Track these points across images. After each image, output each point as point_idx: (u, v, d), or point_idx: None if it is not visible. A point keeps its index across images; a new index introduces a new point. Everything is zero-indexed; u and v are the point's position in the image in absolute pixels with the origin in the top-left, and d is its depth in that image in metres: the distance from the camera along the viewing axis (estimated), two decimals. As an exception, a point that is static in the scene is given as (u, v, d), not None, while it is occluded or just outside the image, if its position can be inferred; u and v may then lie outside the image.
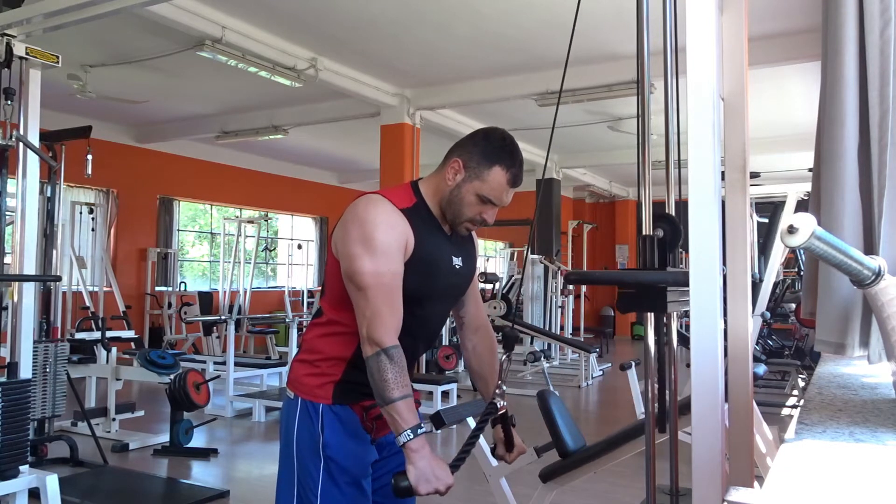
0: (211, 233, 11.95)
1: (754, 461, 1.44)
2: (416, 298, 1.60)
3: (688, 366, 1.23)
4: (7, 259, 3.45)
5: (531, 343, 8.89)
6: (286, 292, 9.89)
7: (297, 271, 11.44)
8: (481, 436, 2.89)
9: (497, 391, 1.67)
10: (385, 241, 1.53)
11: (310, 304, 10.22)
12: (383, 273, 1.51)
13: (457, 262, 1.70)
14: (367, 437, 1.65)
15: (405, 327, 1.55)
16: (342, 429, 1.61)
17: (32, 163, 3.27)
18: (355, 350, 1.60)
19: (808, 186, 3.97)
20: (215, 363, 7.63)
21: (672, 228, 1.47)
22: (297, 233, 13.23)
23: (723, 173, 1.38)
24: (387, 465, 1.72)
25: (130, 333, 7.38)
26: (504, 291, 9.68)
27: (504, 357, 1.67)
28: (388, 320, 1.51)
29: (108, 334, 5.78)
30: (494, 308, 8.29)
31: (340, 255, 1.58)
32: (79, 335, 6.53)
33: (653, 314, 1.45)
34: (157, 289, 10.25)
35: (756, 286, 5.16)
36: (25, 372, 3.24)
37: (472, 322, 1.89)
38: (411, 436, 1.46)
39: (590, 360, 8.26)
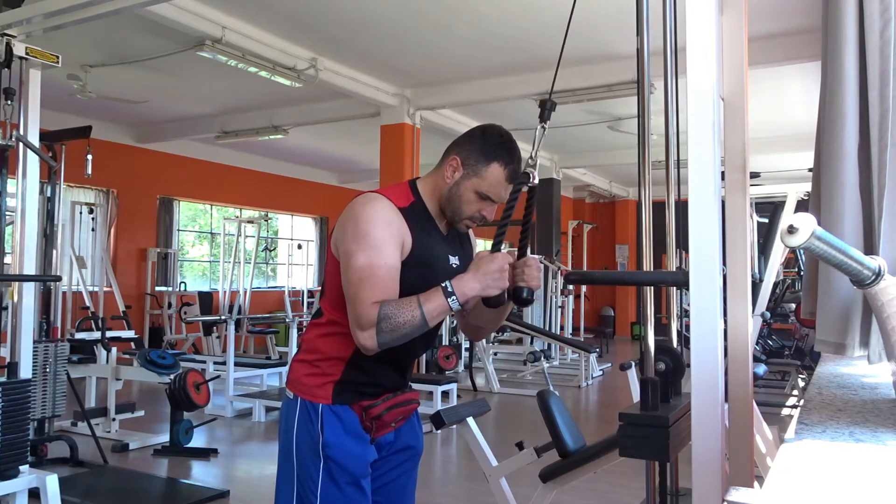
0: (211, 233, 11.95)
1: (754, 461, 1.44)
2: None
3: (688, 366, 1.23)
4: (7, 259, 3.45)
5: (531, 343, 8.89)
6: (286, 292, 9.89)
7: (297, 271, 11.44)
8: (482, 436, 2.88)
9: (531, 161, 1.61)
10: (380, 236, 1.53)
11: (310, 304, 10.21)
12: (377, 266, 1.50)
13: (453, 261, 1.70)
14: (367, 436, 1.65)
15: None
16: (342, 428, 1.61)
17: (32, 163, 3.27)
18: (355, 350, 1.59)
19: (808, 186, 3.97)
20: (215, 363, 7.63)
21: (674, 360, 1.46)
22: (297, 233, 13.23)
23: (723, 173, 1.38)
24: (386, 465, 1.73)
25: (130, 333, 7.38)
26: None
27: (539, 127, 1.64)
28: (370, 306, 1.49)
29: (108, 334, 5.78)
30: (494, 308, 8.26)
31: (339, 254, 1.58)
32: (79, 335, 6.53)
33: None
34: (157, 289, 10.25)
35: (756, 286, 5.16)
36: (25, 372, 3.24)
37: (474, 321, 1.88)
38: (450, 288, 1.47)
39: (590, 360, 8.26)
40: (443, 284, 1.49)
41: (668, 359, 1.47)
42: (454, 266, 1.70)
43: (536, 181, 1.62)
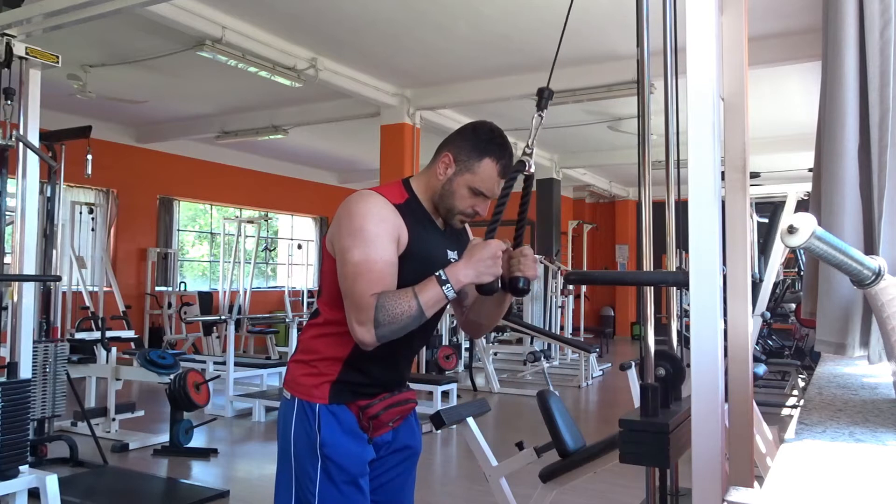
0: (211, 233, 11.95)
1: (754, 461, 1.44)
2: None
3: (688, 366, 1.23)
4: (7, 259, 3.45)
5: (531, 343, 8.89)
6: (286, 292, 9.89)
7: (297, 271, 11.44)
8: (482, 436, 2.88)
9: (527, 150, 1.62)
10: (375, 231, 1.53)
11: (310, 304, 10.21)
12: (373, 261, 1.50)
13: (452, 255, 1.70)
14: (364, 436, 1.65)
15: None
16: (339, 428, 1.61)
17: (32, 163, 3.27)
18: (352, 349, 1.59)
19: (808, 186, 3.98)
20: (215, 363, 7.62)
21: (674, 366, 1.46)
22: (297, 233, 13.24)
23: (723, 173, 1.38)
24: (384, 465, 1.73)
25: (130, 333, 7.38)
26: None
27: (536, 115, 1.65)
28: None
29: (108, 334, 5.78)
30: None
31: (335, 252, 1.58)
32: (79, 335, 6.53)
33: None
34: (157, 289, 10.25)
35: (756, 286, 5.16)
36: (25, 372, 3.24)
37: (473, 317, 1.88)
38: (445, 278, 1.48)
39: (590, 360, 8.26)
40: (437, 273, 1.49)
41: (668, 364, 1.46)
42: (453, 260, 1.70)
43: (532, 170, 1.62)
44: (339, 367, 1.62)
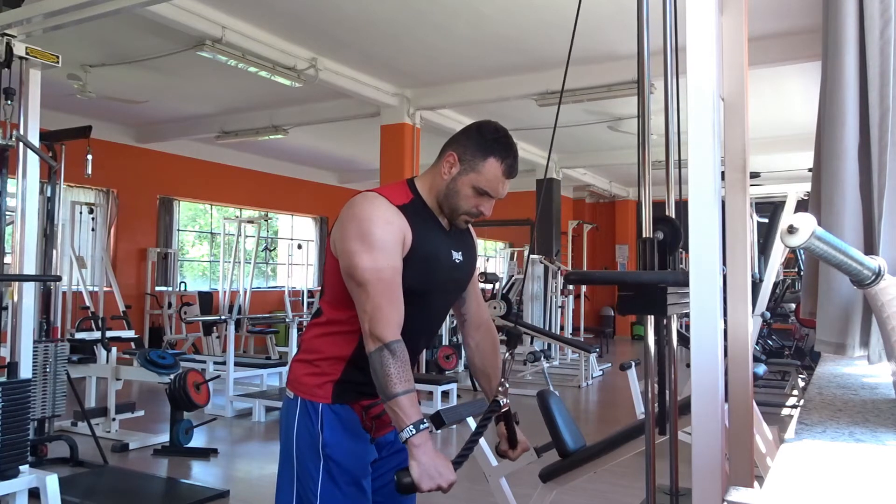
0: (211, 233, 11.95)
1: (754, 461, 1.44)
2: (417, 293, 1.60)
3: (688, 366, 1.23)
4: (7, 259, 3.45)
5: (531, 343, 8.89)
6: (286, 292, 9.88)
7: (297, 271, 11.44)
8: (483, 435, 2.88)
9: (500, 388, 1.68)
10: (382, 236, 1.53)
11: (310, 304, 10.21)
12: (382, 268, 1.51)
13: (457, 256, 1.70)
14: (367, 436, 1.65)
15: (407, 322, 1.55)
16: (342, 428, 1.61)
17: (32, 163, 3.27)
18: (354, 349, 1.60)
19: (808, 186, 3.97)
20: (215, 363, 7.63)
21: (672, 230, 1.47)
22: (297, 233, 13.23)
23: (723, 173, 1.38)
24: (387, 465, 1.72)
25: (130, 333, 7.38)
26: (504, 291, 9.68)
27: (507, 354, 1.68)
28: (390, 315, 1.51)
29: (108, 334, 5.78)
30: (495, 308, 8.29)
31: (339, 254, 1.58)
32: (79, 335, 6.53)
33: (653, 316, 1.45)
34: (157, 289, 10.25)
35: (756, 286, 5.16)
36: (25, 372, 3.24)
37: (474, 320, 1.89)
38: (413, 431, 1.45)
39: (590, 360, 8.26)
40: (420, 426, 1.46)
41: (666, 228, 1.47)
42: (457, 261, 1.70)
43: (507, 408, 1.71)
44: (343, 367, 1.62)
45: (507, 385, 1.69)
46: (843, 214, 1.18)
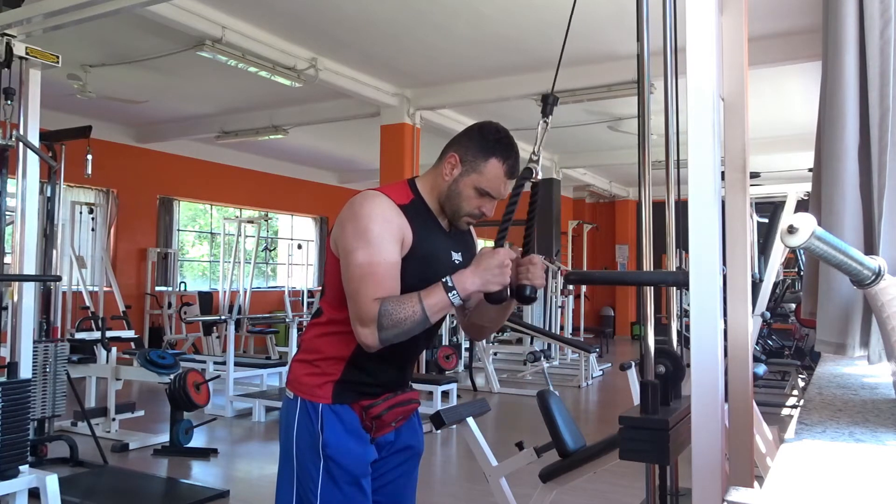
0: (211, 233, 11.95)
1: (754, 461, 1.44)
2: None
3: (688, 365, 1.23)
4: (7, 259, 3.45)
5: (531, 343, 8.89)
6: (286, 292, 9.88)
7: (297, 271, 11.44)
8: (482, 436, 2.88)
9: (533, 156, 1.63)
10: (379, 232, 1.53)
11: (310, 304, 10.21)
12: (377, 263, 1.51)
13: (456, 256, 1.70)
14: (367, 436, 1.65)
15: None
16: (342, 428, 1.61)
17: (32, 163, 3.27)
18: (355, 349, 1.59)
19: (808, 186, 3.97)
20: (215, 363, 7.62)
21: (673, 362, 1.46)
22: (297, 233, 13.23)
23: (723, 173, 1.38)
24: (386, 465, 1.73)
25: (130, 333, 7.38)
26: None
27: (542, 121, 1.65)
28: (367, 300, 1.49)
29: (108, 334, 5.78)
30: (494, 308, 8.27)
31: (339, 252, 1.58)
32: (79, 335, 6.53)
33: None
34: (157, 289, 10.24)
35: (756, 286, 5.16)
36: (25, 372, 3.24)
37: (475, 319, 1.88)
38: (453, 287, 1.47)
39: (590, 360, 8.26)
40: (444, 280, 1.49)
41: (667, 362, 1.46)
42: (457, 262, 1.70)
43: (540, 176, 1.62)
44: (343, 367, 1.62)
45: (540, 158, 1.63)
46: (843, 214, 1.18)
